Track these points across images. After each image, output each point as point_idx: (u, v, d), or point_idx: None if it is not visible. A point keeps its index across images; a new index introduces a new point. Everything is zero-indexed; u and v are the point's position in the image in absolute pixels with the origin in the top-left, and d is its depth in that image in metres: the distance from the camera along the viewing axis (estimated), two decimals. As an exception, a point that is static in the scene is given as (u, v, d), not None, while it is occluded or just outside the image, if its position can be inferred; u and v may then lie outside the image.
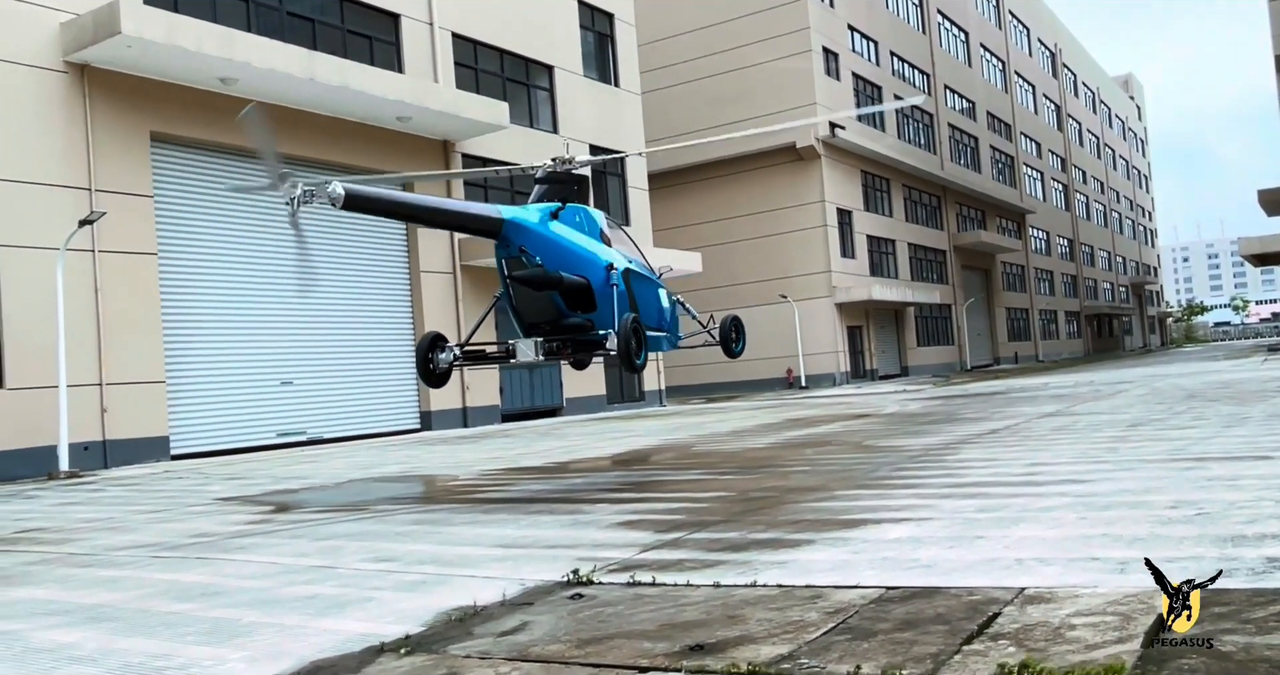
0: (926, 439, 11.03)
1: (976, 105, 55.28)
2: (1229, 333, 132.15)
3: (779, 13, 37.97)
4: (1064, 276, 68.26)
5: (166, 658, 3.78)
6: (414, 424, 21.93)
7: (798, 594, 4.03)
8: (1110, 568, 4.01)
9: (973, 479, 7.11)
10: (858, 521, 5.59)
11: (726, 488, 8.03)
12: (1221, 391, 15.15)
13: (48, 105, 15.94)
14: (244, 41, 17.38)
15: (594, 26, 28.48)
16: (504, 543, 5.87)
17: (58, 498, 11.35)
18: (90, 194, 16.12)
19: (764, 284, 37.07)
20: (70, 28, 16.05)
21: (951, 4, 52.79)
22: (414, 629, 3.93)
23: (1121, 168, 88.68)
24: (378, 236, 21.76)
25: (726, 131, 37.83)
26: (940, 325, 48.13)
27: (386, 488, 10.36)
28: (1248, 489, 5.59)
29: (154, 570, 5.73)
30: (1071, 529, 4.87)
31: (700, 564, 4.75)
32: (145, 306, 16.77)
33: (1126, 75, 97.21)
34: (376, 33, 21.85)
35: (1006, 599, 3.65)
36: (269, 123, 7.63)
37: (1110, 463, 7.39)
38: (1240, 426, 9.35)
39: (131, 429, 16.23)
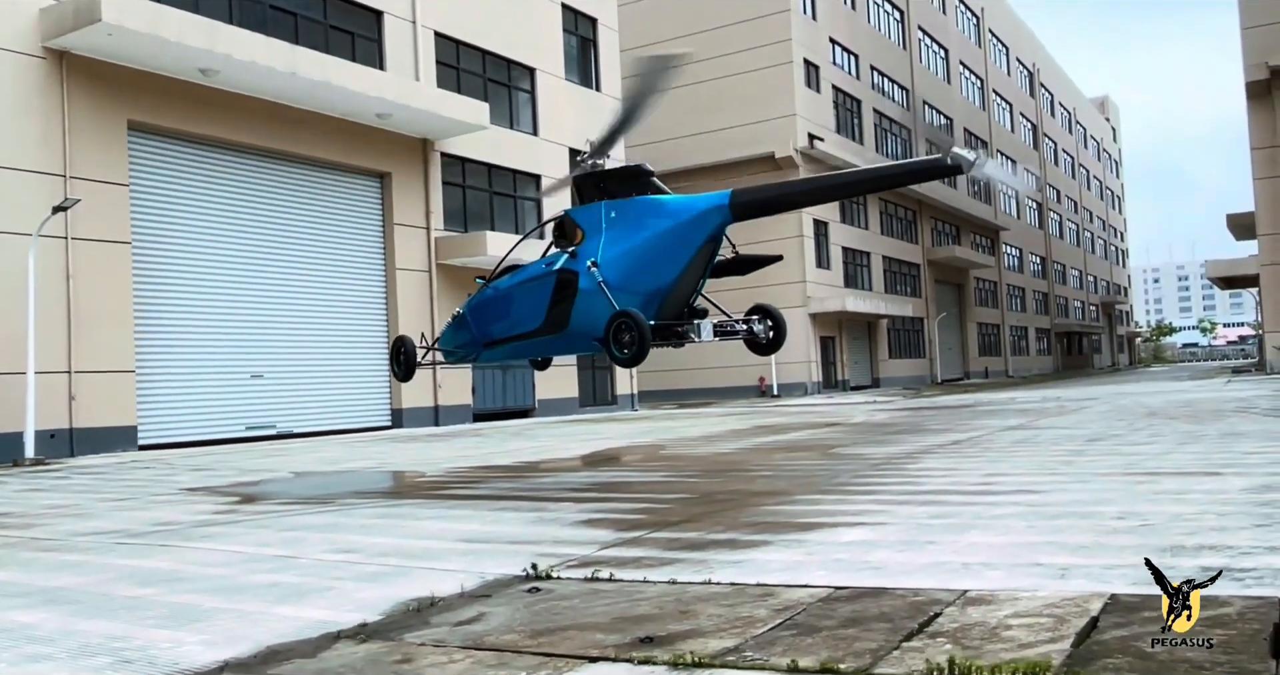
0: (890, 448, 11.19)
1: (954, 122, 55.80)
2: (1196, 354, 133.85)
3: (762, 23, 38.24)
4: (1035, 294, 69.00)
5: (125, 639, 3.83)
6: (385, 421, 21.92)
7: (749, 591, 4.13)
8: (1052, 573, 4.13)
9: (930, 487, 7.25)
10: (814, 525, 5.70)
11: (690, 490, 8.14)
12: (1182, 410, 15.42)
13: (25, 91, 15.86)
14: (226, 33, 17.36)
15: (577, 30, 28.59)
16: (467, 537, 5.95)
17: (22, 484, 11.30)
18: (65, 181, 16.05)
19: (739, 292, 37.04)
20: (50, 13, 15.99)
21: (932, 21, 53.32)
22: (372, 617, 4.00)
23: (1095, 188, 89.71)
24: (355, 232, 21.76)
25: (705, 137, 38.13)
26: (912, 338, 48.52)
27: (353, 482, 10.40)
28: (1193, 503, 5.75)
29: (116, 556, 5.77)
30: (1019, 536, 5.00)
31: (658, 562, 4.85)
32: (117, 295, 16.70)
33: (1103, 97, 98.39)
34: (359, 29, 21.86)
35: (949, 600, 3.77)
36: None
37: (1065, 475, 7.56)
38: (1195, 444, 9.55)
39: (99, 418, 16.15)
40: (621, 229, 7.99)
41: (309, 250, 20.61)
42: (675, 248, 7.87)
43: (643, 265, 7.88)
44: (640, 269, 7.87)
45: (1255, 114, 33.09)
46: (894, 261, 47.04)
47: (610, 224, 8.05)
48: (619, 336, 7.60)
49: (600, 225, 8.10)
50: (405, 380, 10.17)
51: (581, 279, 7.97)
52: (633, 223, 7.99)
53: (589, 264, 7.88)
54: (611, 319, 7.66)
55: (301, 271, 20.37)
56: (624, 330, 7.58)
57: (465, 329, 9.30)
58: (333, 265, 21.11)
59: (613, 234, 8.01)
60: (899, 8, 49.41)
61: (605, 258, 7.89)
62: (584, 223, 8.25)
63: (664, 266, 7.91)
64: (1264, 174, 32.97)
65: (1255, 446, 8.99)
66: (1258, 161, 33.18)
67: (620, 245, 7.92)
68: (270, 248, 19.84)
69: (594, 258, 7.88)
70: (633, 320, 7.53)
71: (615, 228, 8.02)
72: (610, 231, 8.02)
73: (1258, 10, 32.60)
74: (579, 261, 8.05)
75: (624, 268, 7.86)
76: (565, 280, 8.15)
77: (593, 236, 8.10)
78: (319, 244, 20.85)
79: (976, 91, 60.53)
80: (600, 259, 7.87)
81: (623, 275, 7.85)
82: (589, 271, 7.87)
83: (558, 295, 8.22)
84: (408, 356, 9.80)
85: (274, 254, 19.90)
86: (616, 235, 7.99)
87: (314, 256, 20.69)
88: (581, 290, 7.98)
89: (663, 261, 7.89)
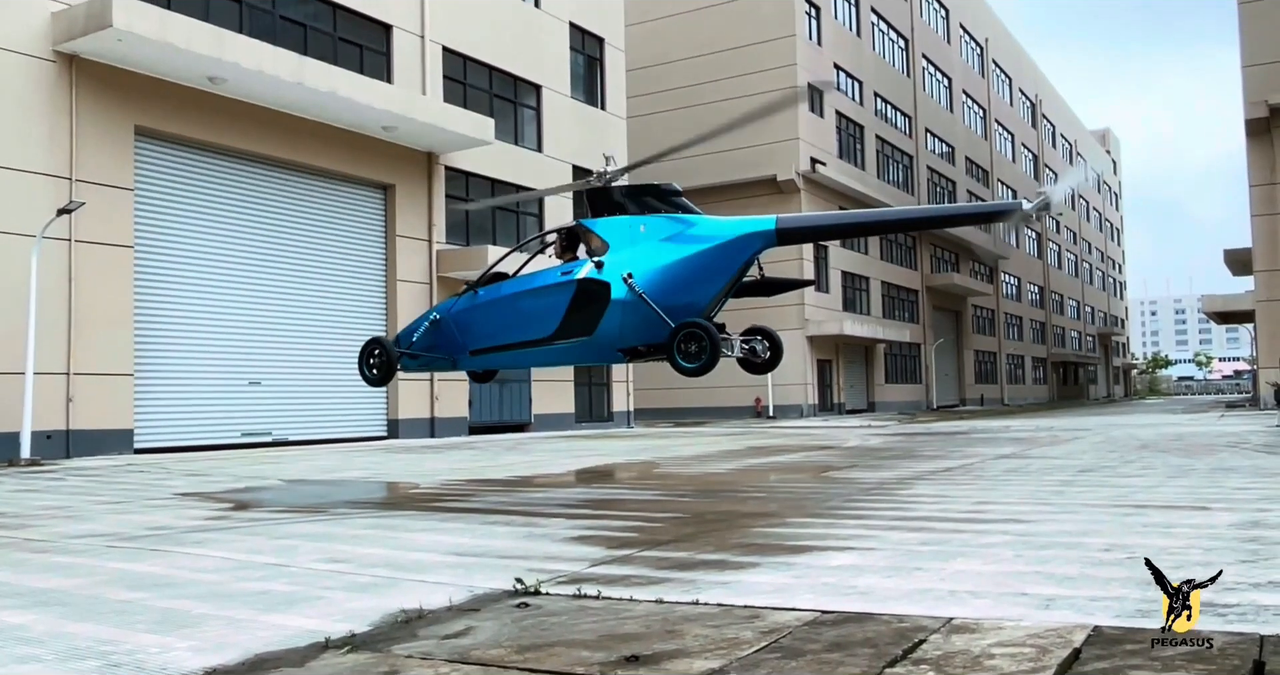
0: (882, 473, 11.22)
1: (956, 150, 56.12)
2: (1191, 387, 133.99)
3: (767, 47, 38.50)
4: (1033, 323, 69.17)
5: (114, 643, 3.85)
6: (381, 431, 21.93)
7: (736, 613, 4.16)
8: (1037, 603, 4.17)
9: (920, 513, 7.28)
10: (803, 548, 5.73)
11: (682, 509, 8.16)
12: (1174, 444, 15.46)
13: (34, 93, 15.96)
14: (234, 42, 17.49)
15: (584, 49, 28.79)
16: (458, 551, 5.97)
17: (17, 484, 11.31)
18: (71, 184, 16.13)
19: (738, 313, 37.31)
20: (62, 18, 16.10)
21: (937, 50, 53.69)
22: (360, 628, 4.03)
23: (1095, 220, 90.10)
24: (357, 243, 21.84)
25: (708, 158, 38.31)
26: (909, 364, 48.61)
27: (347, 491, 10.42)
28: (1180, 537, 5.79)
29: (108, 559, 5.79)
30: (1007, 565, 5.03)
31: (646, 580, 4.88)
32: (118, 299, 16.75)
33: (1104, 130, 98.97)
34: (368, 42, 22.01)
35: (934, 627, 3.80)
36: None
37: (1055, 505, 7.59)
38: (1185, 477, 9.59)
39: (96, 420, 16.17)
40: (658, 244, 8.05)
41: (310, 259, 20.68)
42: (718, 267, 8.03)
43: (683, 282, 7.96)
44: (681, 285, 7.95)
45: (1254, 152, 33.30)
46: (893, 287, 47.19)
47: (642, 238, 8.09)
48: (686, 346, 7.71)
49: (631, 238, 8.12)
50: (379, 384, 9.57)
51: (615, 289, 7.94)
52: (672, 239, 8.06)
53: (624, 276, 7.88)
54: (678, 328, 7.71)
55: (302, 280, 20.43)
56: (692, 340, 7.69)
57: (442, 334, 8.96)
58: (333, 275, 21.18)
59: (647, 248, 8.04)
60: (904, 36, 49.76)
61: (642, 271, 7.91)
62: (609, 235, 8.22)
63: (705, 285, 8.05)
64: (1262, 211, 33.15)
65: (1244, 482, 9.02)
66: (1256, 199, 33.36)
67: (658, 260, 7.97)
68: (272, 256, 19.91)
69: (628, 270, 7.89)
70: (702, 329, 7.63)
71: (649, 242, 8.07)
72: (643, 245, 8.05)
73: (1258, 49, 32.86)
74: (608, 272, 7.99)
75: (663, 282, 7.90)
76: (591, 289, 8.06)
77: (621, 249, 8.08)
78: (320, 253, 20.92)
79: (979, 120, 60.89)
80: (636, 272, 7.90)
81: (661, 290, 7.88)
82: (625, 282, 7.87)
83: (579, 303, 8.13)
84: (387, 358, 9.16)
85: (275, 262, 19.96)
86: (652, 250, 8.03)
87: (315, 266, 20.76)
88: (615, 301, 7.95)
89: (704, 280, 8.03)
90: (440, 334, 8.97)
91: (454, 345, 8.93)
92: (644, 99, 37.94)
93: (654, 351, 8.28)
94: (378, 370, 9.19)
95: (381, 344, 9.27)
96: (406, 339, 9.19)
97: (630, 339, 8.15)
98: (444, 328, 8.94)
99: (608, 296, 7.98)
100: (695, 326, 7.66)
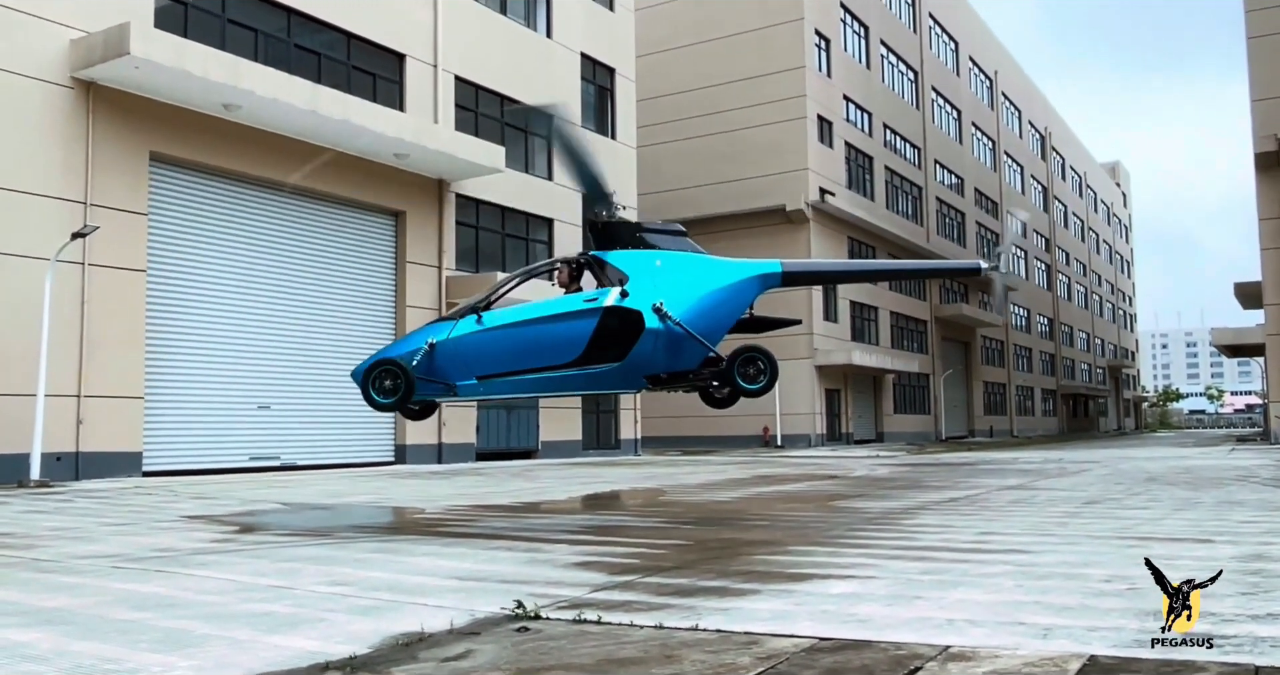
0: (887, 502, 11.21)
1: (965, 181, 56.30)
2: (1203, 421, 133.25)
3: (777, 79, 38.80)
4: (1042, 354, 69.02)
5: (117, 662, 3.89)
6: (388, 457, 21.97)
7: (735, 639, 4.18)
8: (1034, 633, 4.18)
9: (923, 543, 7.29)
10: (805, 576, 5.75)
11: (686, 537, 8.17)
12: (1181, 476, 15.40)
13: (52, 119, 16.19)
14: (249, 70, 17.72)
15: (595, 79, 29.06)
16: (460, 575, 6.00)
17: (25, 506, 11.37)
18: (85, 208, 16.31)
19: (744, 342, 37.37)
20: (80, 45, 16.35)
21: (946, 83, 54.02)
22: (361, 650, 4.05)
23: (1105, 252, 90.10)
24: (367, 269, 21.99)
25: (716, 189, 38.58)
26: (918, 394, 48.52)
27: (352, 516, 10.45)
28: (1182, 569, 5.76)
29: (114, 580, 5.83)
30: (1007, 595, 5.04)
31: (647, 606, 4.89)
32: (130, 322, 16.88)
33: (1114, 163, 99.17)
34: (381, 71, 22.28)
35: (930, 655, 3.82)
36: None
37: (1058, 536, 7.58)
38: (1190, 510, 9.57)
39: (105, 443, 16.25)
40: (679, 279, 8.61)
41: (321, 285, 20.82)
42: (735, 303, 8.84)
43: (706, 315, 8.58)
44: (703, 318, 8.55)
45: (1264, 185, 33.33)
46: (901, 317, 47.21)
47: (661, 272, 8.59)
48: (745, 369, 8.45)
49: (649, 271, 8.58)
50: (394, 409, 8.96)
51: (647, 319, 8.39)
52: (692, 275, 8.69)
53: (655, 305, 8.36)
54: (738, 352, 8.46)
55: (312, 305, 20.57)
56: (750, 363, 8.46)
57: (442, 361, 8.65)
58: (344, 300, 21.31)
59: (669, 282, 8.54)
60: (913, 68, 50.10)
61: (669, 304, 8.43)
62: (627, 267, 8.63)
63: (724, 319, 8.78)
64: (1271, 244, 33.13)
65: (1250, 515, 9.00)
66: (1266, 232, 33.35)
67: (681, 293, 8.52)
68: (283, 281, 20.06)
69: (657, 300, 8.38)
70: (761, 353, 8.48)
71: (668, 276, 8.59)
72: (664, 279, 8.55)
73: (1267, 83, 32.98)
74: (635, 301, 8.42)
75: (688, 315, 8.47)
76: (622, 317, 8.44)
77: (641, 280, 8.52)
78: (331, 279, 21.07)
79: (988, 152, 61.12)
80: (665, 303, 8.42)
81: (687, 322, 8.44)
82: (655, 312, 8.36)
83: (607, 330, 8.47)
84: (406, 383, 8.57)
85: (286, 287, 20.11)
86: (674, 283, 8.55)
87: (326, 291, 20.90)
88: (648, 329, 8.40)
89: (723, 314, 8.75)
90: (439, 360, 8.67)
91: (457, 371, 8.68)
92: (655, 129, 38.23)
93: (674, 379, 8.78)
94: (395, 395, 8.66)
95: (398, 365, 8.69)
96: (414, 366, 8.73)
97: (657, 366, 8.59)
98: (444, 354, 8.65)
99: (641, 324, 8.40)
100: (755, 350, 8.48)
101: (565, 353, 8.53)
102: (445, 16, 23.70)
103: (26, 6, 16.02)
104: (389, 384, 8.64)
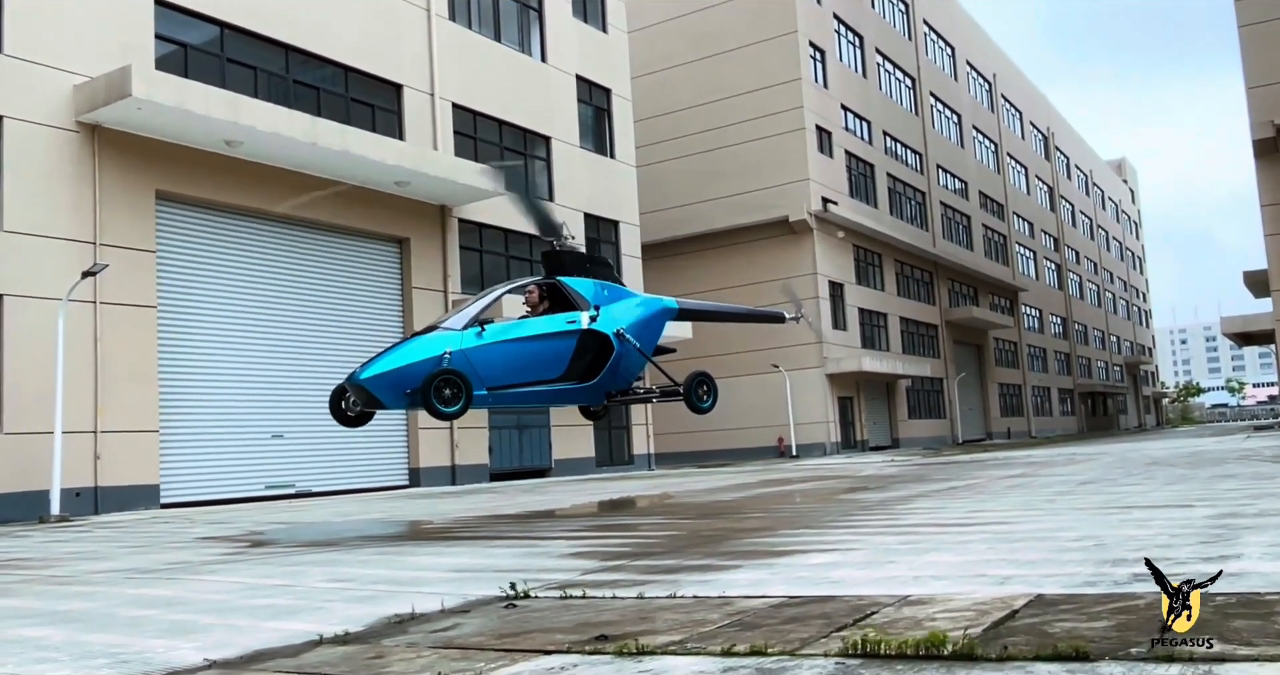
0: (887, 493, 11.37)
1: (969, 185, 56.41)
2: (1225, 414, 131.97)
3: (774, 92, 39.10)
4: (1057, 354, 68.77)
5: (124, 647, 4.14)
6: (403, 480, 22.19)
7: (709, 603, 4.39)
8: (992, 581, 4.37)
9: (910, 522, 7.47)
10: (788, 552, 5.94)
11: (681, 529, 8.37)
12: (1185, 459, 15.49)
13: (59, 162, 16.59)
14: (249, 106, 18.09)
15: (591, 101, 29.42)
16: (458, 568, 6.22)
17: (46, 537, 11.64)
18: (95, 248, 16.68)
19: (757, 353, 37.51)
20: (84, 90, 16.78)
21: (944, 88, 54.26)
22: (354, 629, 4.29)
23: (1115, 249, 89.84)
24: (374, 296, 22.30)
25: (719, 203, 38.86)
26: (932, 398, 48.45)
27: (360, 528, 10.68)
28: (1152, 528, 5.96)
29: (125, 587, 6.08)
30: (976, 556, 5.23)
31: (631, 583, 5.11)
32: (143, 357, 17.20)
33: (1120, 159, 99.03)
34: (379, 102, 22.67)
35: (889, 603, 4.03)
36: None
37: (1044, 510, 7.76)
38: (1180, 484, 9.70)
39: (123, 477, 16.53)
40: (623, 307, 9.81)
41: (329, 314, 21.14)
42: (658, 329, 10.30)
43: (644, 339, 9.92)
44: (644, 342, 9.90)
45: (1264, 171, 33.33)
46: (911, 322, 47.23)
47: (607, 300, 9.71)
48: (698, 390, 9.99)
49: (599, 299, 9.65)
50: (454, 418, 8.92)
51: (615, 343, 9.50)
52: (630, 304, 9.99)
53: (617, 331, 9.50)
54: (692, 377, 10.02)
55: (321, 335, 20.88)
56: (700, 385, 10.03)
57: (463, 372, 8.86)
58: (352, 328, 21.60)
59: (619, 309, 9.71)
60: (910, 75, 50.38)
61: (626, 329, 9.66)
62: (585, 293, 9.58)
63: (654, 342, 10.26)
64: (1274, 230, 33.08)
65: (1239, 485, 9.13)
66: (1268, 218, 33.31)
67: (631, 320, 9.75)
68: (291, 311, 20.38)
69: (617, 327, 9.55)
70: (707, 378, 10.10)
71: (617, 304, 9.77)
72: (614, 306, 9.69)
73: (1262, 70, 33.07)
74: (602, 324, 9.48)
75: (635, 339, 9.71)
76: (597, 338, 9.47)
77: (598, 306, 9.59)
78: (339, 308, 21.39)
79: (991, 155, 61.23)
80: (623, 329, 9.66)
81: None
82: (620, 337, 9.49)
83: (584, 350, 9.44)
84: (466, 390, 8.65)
85: (295, 317, 20.43)
86: (622, 311, 9.73)
87: (334, 320, 21.21)
88: (617, 352, 9.54)
89: (653, 339, 10.20)
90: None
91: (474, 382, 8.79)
92: (656, 147, 38.58)
93: (620, 396, 10.24)
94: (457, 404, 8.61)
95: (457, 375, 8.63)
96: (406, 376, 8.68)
97: (615, 384, 9.84)
98: (460, 365, 8.73)
99: (611, 346, 9.49)
100: (703, 375, 10.10)
101: (555, 368, 9.39)
102: (440, 46, 24.12)
103: (31, 55, 16.47)
104: (449, 393, 8.60)
